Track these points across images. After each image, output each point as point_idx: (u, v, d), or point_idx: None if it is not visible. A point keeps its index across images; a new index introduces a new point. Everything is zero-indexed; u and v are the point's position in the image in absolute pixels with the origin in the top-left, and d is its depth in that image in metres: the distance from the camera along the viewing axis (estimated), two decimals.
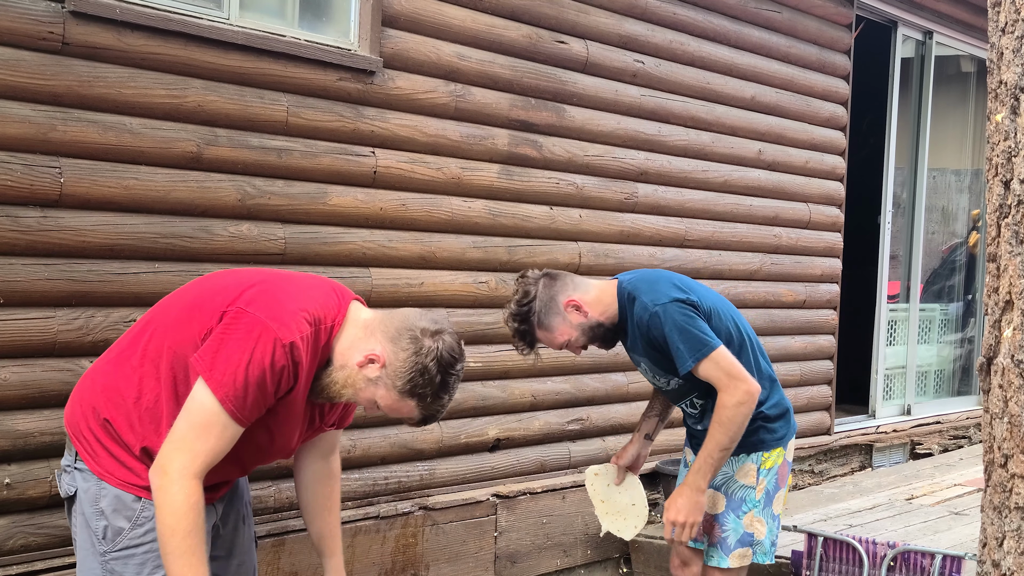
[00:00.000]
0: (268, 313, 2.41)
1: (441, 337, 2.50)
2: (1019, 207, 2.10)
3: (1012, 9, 2.16)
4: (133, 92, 3.62)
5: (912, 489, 6.50)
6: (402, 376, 2.47)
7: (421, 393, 2.50)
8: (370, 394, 2.51)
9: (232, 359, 2.36)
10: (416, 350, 2.47)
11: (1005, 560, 2.11)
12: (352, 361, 2.49)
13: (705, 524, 3.55)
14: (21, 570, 3.42)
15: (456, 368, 2.53)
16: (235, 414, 2.37)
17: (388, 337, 2.48)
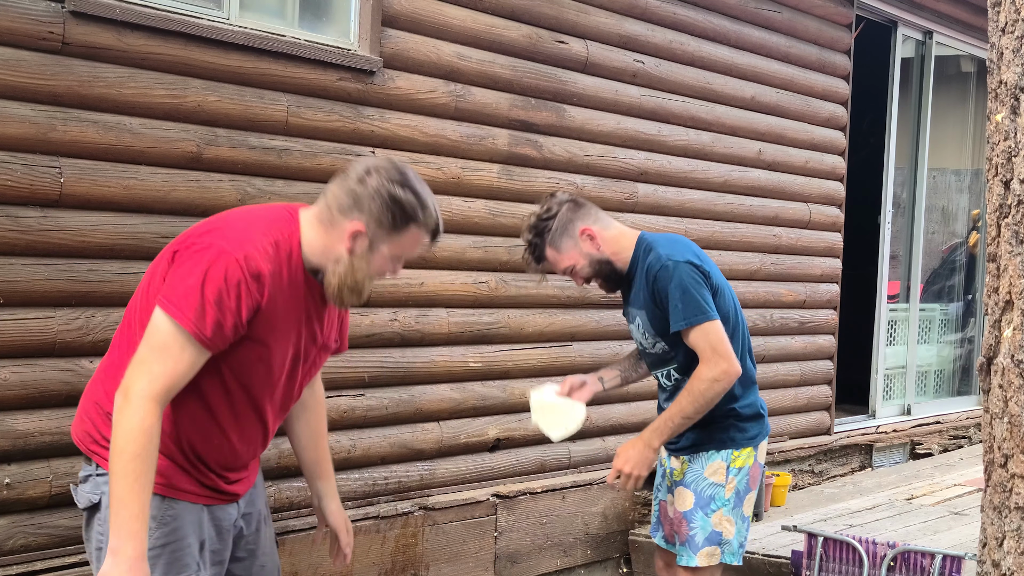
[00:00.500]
0: (219, 237, 2.41)
1: (374, 168, 2.51)
2: (1019, 207, 2.10)
3: (1012, 9, 2.16)
4: (133, 92, 3.62)
5: (912, 489, 6.50)
6: (386, 220, 2.47)
7: (410, 215, 2.50)
8: (379, 260, 2.52)
9: (186, 281, 2.36)
10: (372, 193, 2.47)
11: (1005, 560, 2.11)
12: (341, 252, 2.49)
13: (674, 523, 3.55)
14: (21, 570, 3.41)
15: (410, 175, 2.55)
16: (195, 332, 2.34)
17: (346, 210, 2.48)
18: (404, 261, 2.58)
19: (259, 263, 2.40)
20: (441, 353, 4.66)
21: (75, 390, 3.51)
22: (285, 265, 2.47)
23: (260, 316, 2.42)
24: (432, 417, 4.65)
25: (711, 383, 3.32)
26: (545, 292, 5.08)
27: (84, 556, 3.54)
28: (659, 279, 3.37)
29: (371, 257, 2.50)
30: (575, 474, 5.28)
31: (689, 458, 3.53)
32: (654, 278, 3.38)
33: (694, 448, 3.53)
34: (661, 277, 3.36)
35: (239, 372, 2.49)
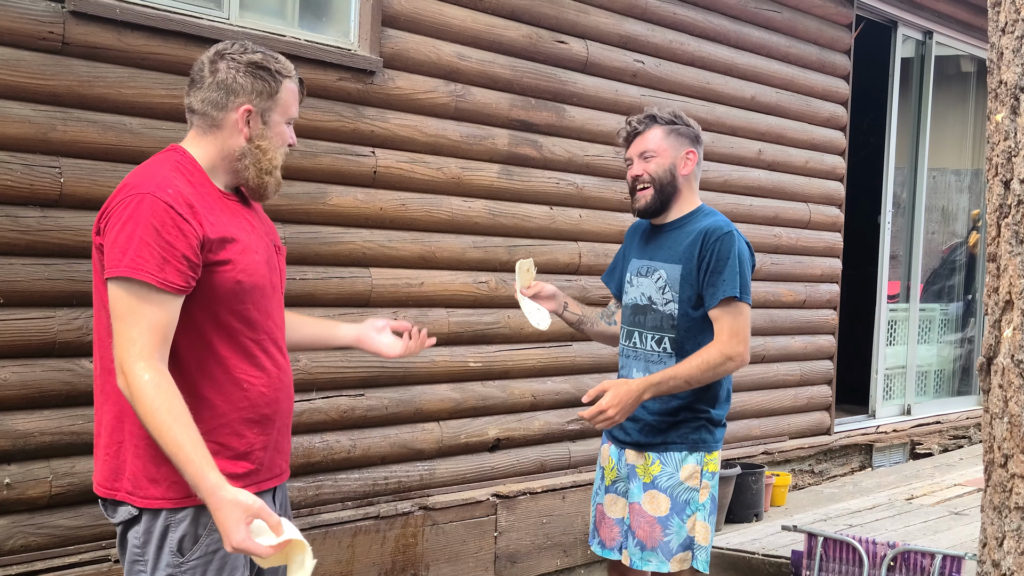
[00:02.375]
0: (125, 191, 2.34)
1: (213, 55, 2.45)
2: (1019, 207, 2.10)
3: (1012, 9, 2.16)
4: (133, 92, 3.62)
5: (912, 489, 6.50)
6: (262, 87, 2.43)
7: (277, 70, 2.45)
8: (276, 129, 2.47)
9: (118, 240, 2.28)
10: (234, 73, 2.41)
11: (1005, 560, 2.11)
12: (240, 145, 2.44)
13: (645, 528, 3.36)
14: (21, 570, 3.41)
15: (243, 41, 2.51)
16: (151, 278, 2.24)
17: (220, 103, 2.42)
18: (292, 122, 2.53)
19: (174, 187, 2.33)
20: (441, 353, 4.66)
21: (75, 390, 3.51)
22: (199, 184, 2.41)
23: (209, 235, 2.34)
24: (432, 417, 4.65)
25: (725, 360, 3.25)
26: None
27: (84, 556, 3.55)
28: (723, 242, 3.30)
29: (269, 131, 2.46)
30: (575, 474, 5.28)
31: (659, 457, 3.37)
32: (717, 239, 3.31)
33: (663, 446, 3.37)
34: (726, 241, 3.30)
35: (229, 302, 2.39)
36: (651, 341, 3.41)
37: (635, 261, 3.50)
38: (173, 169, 2.39)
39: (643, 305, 3.43)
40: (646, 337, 3.42)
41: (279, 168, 2.50)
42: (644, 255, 3.47)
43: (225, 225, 2.40)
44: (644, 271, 3.44)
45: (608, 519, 3.48)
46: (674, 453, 3.36)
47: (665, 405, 3.35)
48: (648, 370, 3.36)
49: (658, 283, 3.39)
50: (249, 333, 2.43)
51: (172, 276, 2.27)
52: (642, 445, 3.39)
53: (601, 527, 3.50)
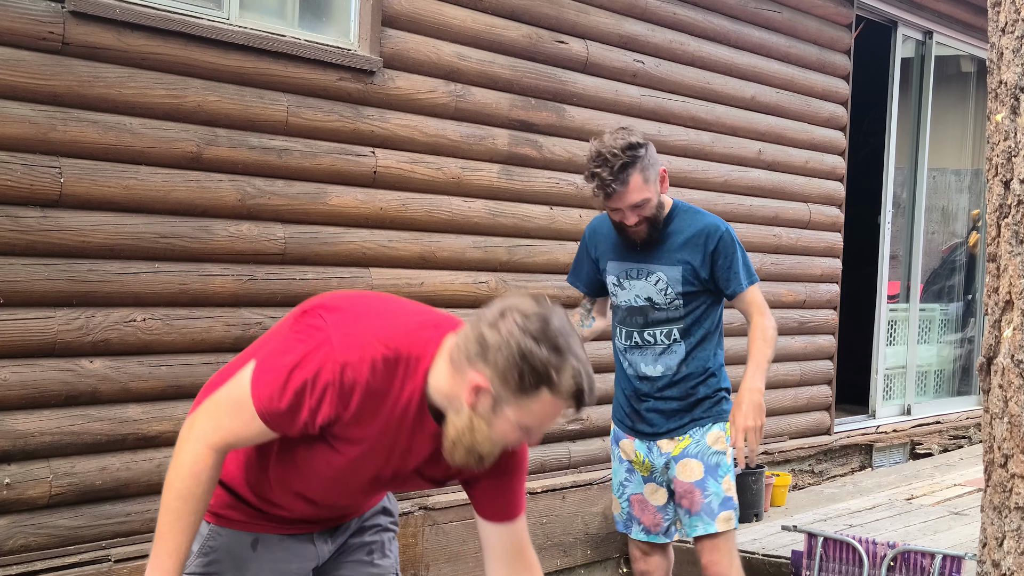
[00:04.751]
0: (338, 324, 2.09)
1: (510, 312, 2.05)
2: (1019, 207, 2.10)
3: (1012, 9, 2.16)
4: (133, 92, 3.61)
5: (912, 489, 6.50)
6: (512, 379, 2.02)
7: (542, 377, 2.02)
8: (504, 424, 2.07)
9: (284, 357, 2.09)
10: (502, 344, 2.01)
11: (1005, 560, 2.11)
12: (463, 403, 2.07)
13: (687, 497, 3.60)
14: (21, 570, 3.41)
15: (552, 327, 2.03)
16: (261, 412, 2.08)
17: (473, 357, 2.05)
18: (540, 432, 2.14)
19: (359, 375, 2.04)
20: None
21: (75, 390, 3.51)
22: (396, 386, 2.09)
23: (341, 426, 2.10)
24: None
25: (774, 330, 3.55)
26: (545, 292, 5.07)
27: (84, 556, 3.55)
28: (724, 241, 3.55)
29: (494, 419, 2.06)
30: (575, 474, 5.28)
31: (688, 433, 3.62)
32: (718, 239, 3.55)
33: (692, 423, 3.63)
34: (726, 240, 3.56)
35: (302, 458, 2.19)
36: (660, 335, 3.62)
37: (617, 263, 3.65)
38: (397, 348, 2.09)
39: (641, 306, 3.61)
40: (653, 333, 3.63)
41: (483, 455, 2.11)
42: (630, 258, 3.62)
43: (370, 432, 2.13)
44: (635, 273, 3.60)
45: (651, 506, 3.71)
46: (700, 427, 3.64)
47: (685, 393, 3.61)
48: (658, 360, 3.62)
49: (657, 285, 3.58)
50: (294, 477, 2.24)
51: (284, 427, 2.10)
52: (672, 431, 3.65)
53: (643, 515, 3.72)
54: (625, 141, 3.44)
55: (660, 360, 3.63)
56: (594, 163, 3.43)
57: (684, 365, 3.62)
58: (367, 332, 2.08)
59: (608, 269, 3.68)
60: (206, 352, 3.85)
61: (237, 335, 3.91)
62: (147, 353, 3.70)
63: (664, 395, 3.64)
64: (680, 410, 3.64)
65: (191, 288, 3.79)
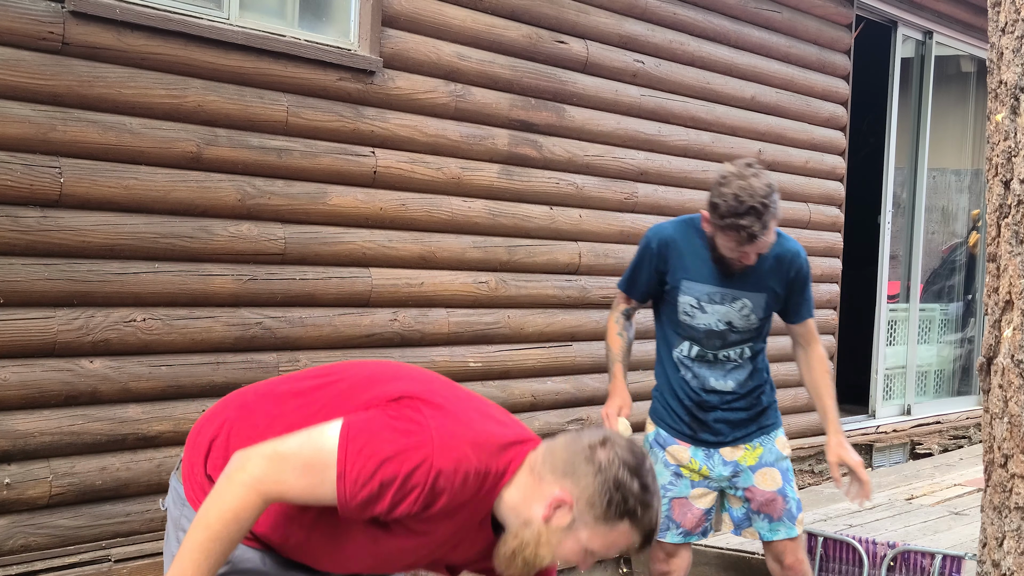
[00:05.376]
0: (439, 426, 2.07)
1: (612, 441, 2.11)
2: (1019, 207, 2.10)
3: (1012, 9, 2.15)
4: (133, 92, 3.61)
5: (912, 489, 6.50)
6: (599, 504, 2.06)
7: (629, 509, 2.07)
8: (572, 543, 2.09)
9: (379, 437, 2.04)
10: (598, 468, 2.06)
11: (1005, 560, 2.11)
12: (536, 515, 2.08)
13: (767, 505, 3.69)
14: (21, 570, 3.41)
15: (646, 465, 2.11)
16: (343, 489, 2.02)
17: (560, 473, 2.08)
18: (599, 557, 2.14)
19: (450, 484, 2.04)
20: (441, 353, 4.65)
21: (75, 390, 3.51)
22: (475, 497, 2.10)
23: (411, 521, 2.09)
24: None
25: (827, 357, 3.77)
26: (545, 292, 5.08)
27: (84, 556, 3.55)
28: (802, 269, 3.62)
29: (565, 538, 2.09)
30: None
31: (758, 440, 3.71)
32: (799, 267, 3.61)
33: (759, 431, 3.71)
34: (805, 268, 3.63)
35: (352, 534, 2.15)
36: (734, 354, 3.66)
37: (699, 285, 3.56)
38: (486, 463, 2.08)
39: (721, 330, 3.61)
40: (727, 353, 3.65)
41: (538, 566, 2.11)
42: (716, 282, 3.56)
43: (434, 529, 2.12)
44: (719, 298, 3.57)
45: (696, 509, 3.72)
46: (767, 434, 3.73)
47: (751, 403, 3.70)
48: (728, 375, 3.66)
49: (742, 311, 3.59)
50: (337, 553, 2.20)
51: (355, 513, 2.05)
52: (737, 439, 3.70)
53: (684, 518, 3.72)
54: (764, 185, 3.32)
55: (730, 375, 3.66)
56: (737, 211, 3.29)
57: (751, 379, 3.69)
58: (464, 441, 2.07)
59: (685, 289, 3.57)
60: (206, 352, 3.85)
61: (237, 335, 3.91)
62: (147, 353, 3.70)
63: (733, 406, 3.68)
64: (747, 420, 3.70)
65: (191, 288, 3.79)
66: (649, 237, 3.66)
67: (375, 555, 2.20)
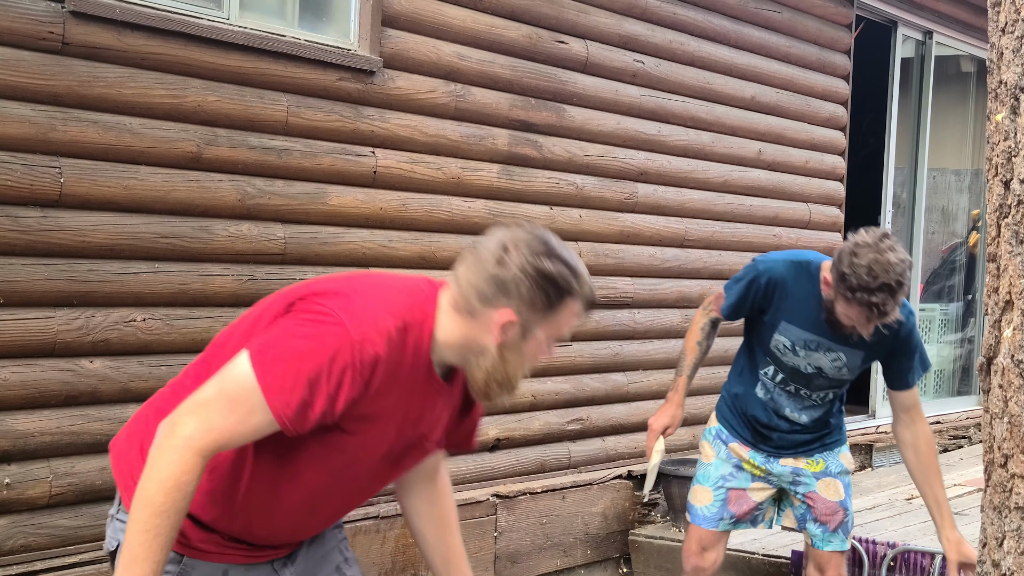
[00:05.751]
0: (343, 307, 2.03)
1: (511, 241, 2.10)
2: (1019, 207, 2.10)
3: (1012, 9, 2.15)
4: (133, 92, 3.61)
5: (912, 489, 6.48)
6: (539, 301, 2.07)
7: (565, 288, 2.09)
8: (532, 346, 2.13)
9: (290, 343, 1.99)
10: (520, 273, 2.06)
11: (1005, 560, 2.11)
12: (488, 344, 2.10)
13: (826, 514, 3.71)
14: (21, 570, 3.41)
15: (552, 241, 2.12)
16: (274, 404, 1.96)
17: (490, 297, 2.08)
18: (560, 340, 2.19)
19: (377, 348, 2.00)
20: None
21: (75, 390, 3.51)
22: (409, 354, 2.08)
23: (359, 406, 2.04)
24: None
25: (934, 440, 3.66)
26: None
27: (84, 556, 3.55)
28: (911, 334, 3.48)
29: (523, 345, 2.12)
30: (575, 474, 5.28)
31: (821, 456, 3.71)
32: (907, 331, 3.45)
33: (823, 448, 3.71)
34: (913, 333, 3.48)
35: (310, 455, 2.10)
36: (816, 396, 3.63)
37: (799, 331, 3.49)
38: (404, 315, 2.06)
39: (808, 374, 3.57)
40: (810, 394, 3.62)
41: (515, 383, 2.16)
42: (817, 331, 3.46)
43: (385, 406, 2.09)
44: (815, 346, 3.51)
45: (751, 500, 3.72)
46: (831, 450, 3.73)
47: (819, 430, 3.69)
48: (804, 411, 3.64)
49: (835, 363, 3.52)
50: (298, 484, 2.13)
51: (297, 423, 1.98)
52: (800, 454, 3.71)
53: (738, 507, 3.72)
54: (899, 260, 3.17)
55: (806, 411, 3.65)
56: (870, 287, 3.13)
57: (825, 415, 3.69)
58: (372, 308, 2.04)
59: (783, 330, 3.52)
60: None
61: None
62: (147, 353, 3.70)
63: (800, 435, 3.69)
64: (811, 440, 3.71)
65: (191, 288, 3.79)
66: (760, 271, 3.53)
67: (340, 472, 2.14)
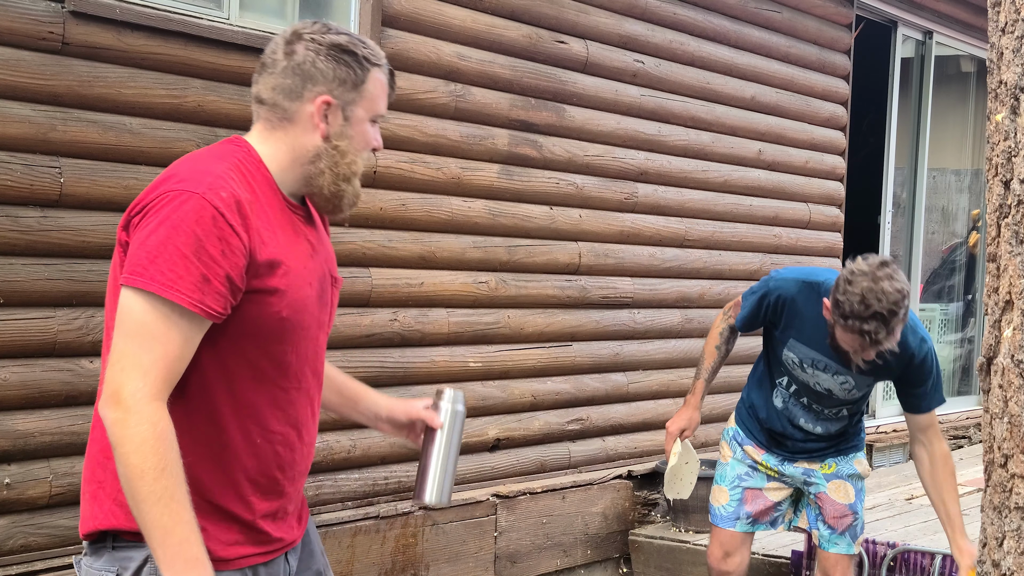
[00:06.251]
0: (171, 184, 1.92)
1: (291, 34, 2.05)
2: (1019, 207, 2.10)
3: (1012, 9, 2.15)
4: (133, 92, 3.62)
5: (912, 489, 6.49)
6: (344, 73, 2.02)
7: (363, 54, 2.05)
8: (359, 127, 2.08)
9: (148, 243, 1.87)
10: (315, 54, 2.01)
11: (1005, 560, 2.11)
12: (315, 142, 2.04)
13: (835, 516, 3.70)
14: (21, 570, 3.42)
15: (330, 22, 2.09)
16: (177, 296, 1.83)
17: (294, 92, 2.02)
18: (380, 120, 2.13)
19: (227, 189, 1.90)
20: (441, 353, 4.65)
21: (75, 390, 3.51)
22: (260, 189, 1.99)
23: (257, 252, 1.93)
24: None
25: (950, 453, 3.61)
26: (545, 292, 5.08)
27: None
28: (925, 362, 3.47)
29: (351, 129, 2.06)
30: (575, 474, 5.28)
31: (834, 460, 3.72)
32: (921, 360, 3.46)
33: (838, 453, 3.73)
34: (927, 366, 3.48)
35: (264, 340, 1.97)
36: (829, 412, 3.66)
37: (808, 349, 3.52)
38: (232, 167, 1.97)
39: (819, 392, 3.61)
40: (822, 409, 3.65)
41: (358, 174, 2.10)
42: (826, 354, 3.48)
43: (279, 245, 1.98)
44: (823, 367, 3.54)
45: (768, 501, 3.76)
46: (846, 455, 3.75)
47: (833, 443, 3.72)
48: (819, 423, 3.65)
49: (843, 386, 3.56)
50: (280, 380, 2.02)
51: (210, 300, 1.86)
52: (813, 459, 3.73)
53: (755, 507, 3.74)
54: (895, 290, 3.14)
55: (821, 424, 3.68)
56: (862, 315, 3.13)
57: (842, 430, 3.72)
58: (198, 168, 1.95)
59: (792, 347, 3.55)
60: None
61: None
62: None
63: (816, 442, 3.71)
64: (826, 448, 3.74)
65: None
66: (771, 288, 3.57)
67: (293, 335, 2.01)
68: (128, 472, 1.82)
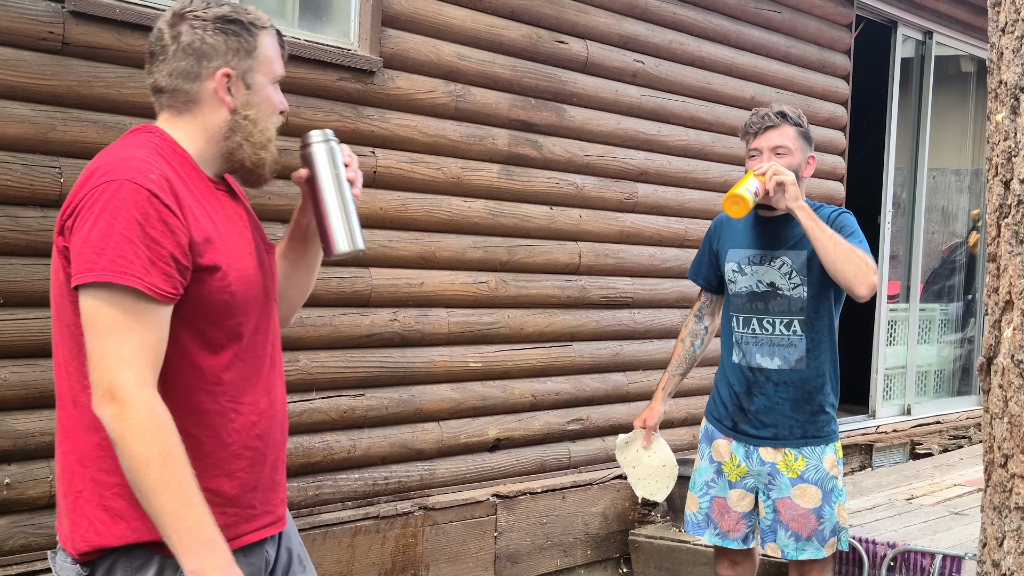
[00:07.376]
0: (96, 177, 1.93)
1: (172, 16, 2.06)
2: (1019, 207, 2.10)
3: (1012, 9, 2.16)
4: (133, 92, 3.62)
5: (912, 489, 6.49)
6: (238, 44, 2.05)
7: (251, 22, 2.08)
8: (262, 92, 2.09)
9: (89, 239, 1.86)
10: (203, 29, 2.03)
11: (1005, 560, 2.11)
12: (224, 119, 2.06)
13: (799, 521, 3.55)
14: (21, 570, 3.41)
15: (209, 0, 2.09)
16: (138, 282, 1.85)
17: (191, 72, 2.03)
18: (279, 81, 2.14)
19: (153, 170, 1.92)
20: (441, 353, 4.66)
21: None
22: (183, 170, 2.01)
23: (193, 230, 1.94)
24: (432, 417, 4.65)
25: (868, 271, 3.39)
26: (545, 292, 5.08)
27: None
28: (844, 220, 3.55)
29: (255, 97, 2.07)
30: (575, 474, 5.28)
31: (800, 452, 3.58)
32: (838, 216, 3.57)
33: (803, 440, 3.59)
34: (847, 219, 3.56)
35: (217, 316, 2.00)
36: (779, 326, 3.58)
37: (739, 251, 3.65)
38: (152, 152, 1.98)
39: (763, 292, 3.59)
40: (773, 322, 3.59)
41: (272, 140, 2.11)
42: (755, 245, 3.62)
43: (212, 222, 2.01)
44: (758, 259, 3.60)
45: (733, 512, 3.67)
46: (815, 447, 3.59)
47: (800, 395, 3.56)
48: (775, 354, 3.57)
49: (782, 270, 3.56)
50: (242, 353, 2.05)
51: (160, 281, 1.88)
52: (779, 440, 3.59)
53: (723, 520, 3.68)
54: (796, 112, 3.61)
55: (777, 352, 3.57)
56: (755, 114, 3.59)
57: (801, 362, 3.56)
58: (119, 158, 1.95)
59: (729, 257, 3.66)
60: None
61: None
62: None
63: (780, 393, 3.57)
64: (793, 425, 3.58)
65: None
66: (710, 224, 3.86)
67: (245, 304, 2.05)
68: (133, 463, 1.84)
